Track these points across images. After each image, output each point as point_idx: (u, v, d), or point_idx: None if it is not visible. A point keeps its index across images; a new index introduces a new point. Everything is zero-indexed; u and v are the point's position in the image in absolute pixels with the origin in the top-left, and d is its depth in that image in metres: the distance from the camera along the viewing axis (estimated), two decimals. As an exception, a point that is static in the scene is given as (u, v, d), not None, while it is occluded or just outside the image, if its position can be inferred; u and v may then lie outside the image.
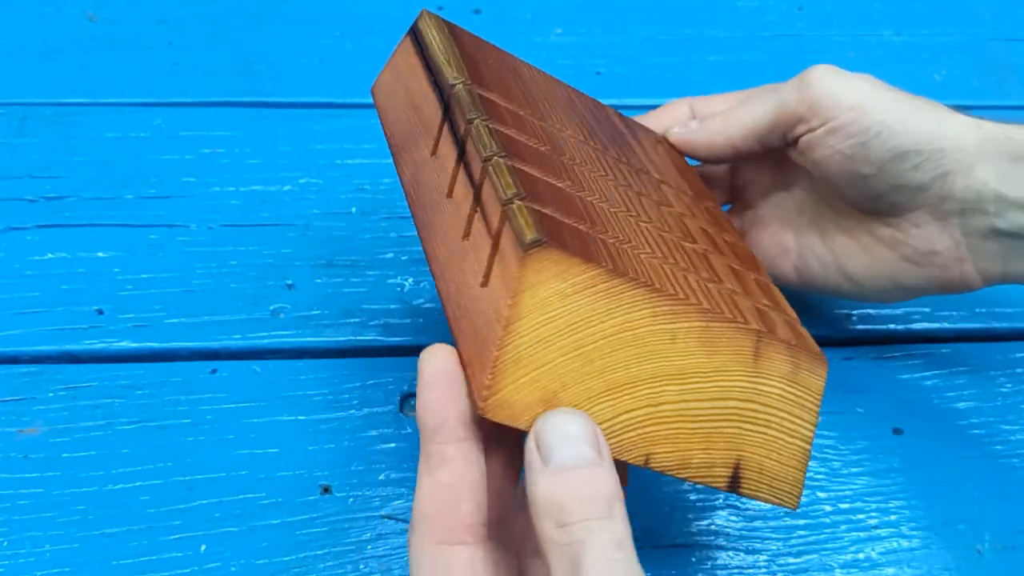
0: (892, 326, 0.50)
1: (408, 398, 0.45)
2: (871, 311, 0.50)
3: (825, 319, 0.49)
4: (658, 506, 0.43)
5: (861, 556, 0.41)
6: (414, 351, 0.47)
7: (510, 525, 0.33)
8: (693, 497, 0.43)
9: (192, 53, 0.60)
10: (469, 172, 0.32)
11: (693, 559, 0.41)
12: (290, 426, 0.44)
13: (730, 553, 0.41)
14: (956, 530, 0.42)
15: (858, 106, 0.39)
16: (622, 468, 0.34)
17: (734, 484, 0.34)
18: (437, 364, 0.30)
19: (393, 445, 0.44)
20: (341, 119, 0.57)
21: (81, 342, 0.46)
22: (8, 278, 0.48)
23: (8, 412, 0.43)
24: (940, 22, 0.67)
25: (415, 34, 0.37)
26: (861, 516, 0.42)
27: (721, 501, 0.43)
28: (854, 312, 0.50)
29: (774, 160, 0.45)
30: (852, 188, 0.41)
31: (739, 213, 0.48)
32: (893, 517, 0.42)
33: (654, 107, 0.47)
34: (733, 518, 0.42)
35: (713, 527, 0.42)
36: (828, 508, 0.43)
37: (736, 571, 0.41)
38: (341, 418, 0.44)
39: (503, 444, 0.33)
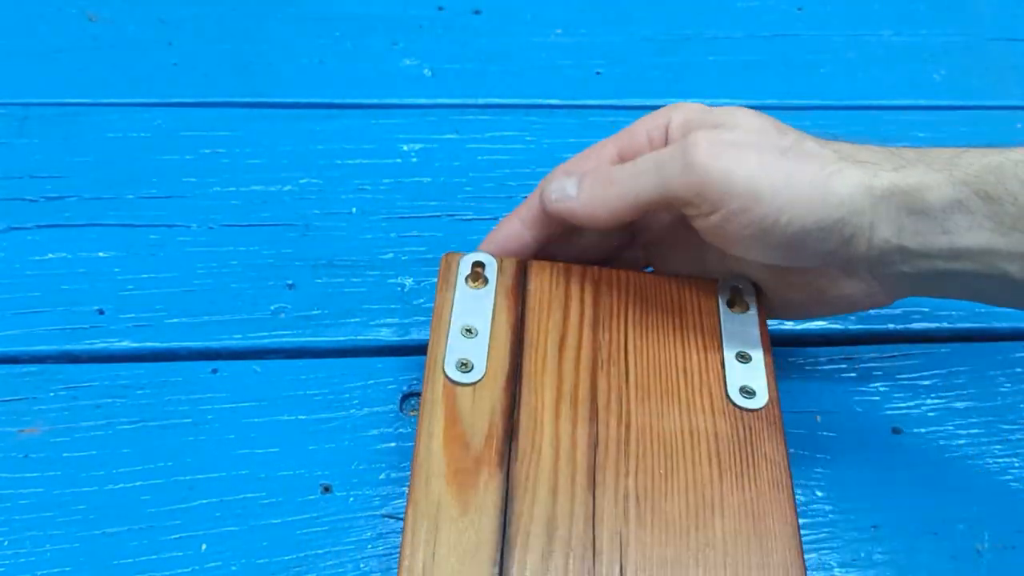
0: (891, 326, 0.50)
1: (408, 397, 0.45)
2: (870, 311, 0.50)
3: (824, 317, 0.50)
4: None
5: (861, 556, 0.41)
6: (414, 351, 0.48)
7: None
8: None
9: (192, 53, 0.60)
10: None
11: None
12: (290, 426, 0.44)
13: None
14: (955, 530, 0.42)
15: (749, 193, 0.37)
16: None
17: None
18: None
19: (393, 445, 0.44)
20: (341, 119, 0.57)
21: (81, 342, 0.46)
22: (8, 278, 0.48)
23: (8, 412, 0.43)
24: (940, 22, 0.67)
25: None
26: (860, 515, 0.42)
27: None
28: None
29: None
30: (754, 255, 0.40)
31: (644, 246, 0.46)
32: (892, 516, 0.42)
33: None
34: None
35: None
36: (827, 508, 0.43)
37: (736, 571, 0.41)
38: (341, 418, 0.44)
39: None
